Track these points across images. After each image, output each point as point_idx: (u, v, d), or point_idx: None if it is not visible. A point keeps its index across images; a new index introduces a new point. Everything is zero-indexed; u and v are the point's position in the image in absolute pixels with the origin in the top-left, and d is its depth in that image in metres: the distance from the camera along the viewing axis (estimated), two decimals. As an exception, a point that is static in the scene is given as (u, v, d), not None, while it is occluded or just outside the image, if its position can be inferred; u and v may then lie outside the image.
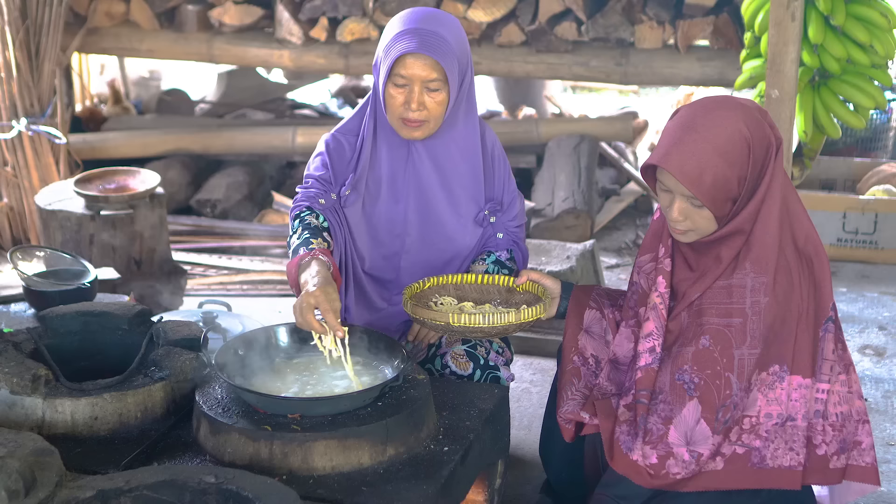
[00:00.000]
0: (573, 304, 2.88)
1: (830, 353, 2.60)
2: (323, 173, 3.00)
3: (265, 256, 5.36)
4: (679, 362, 2.59)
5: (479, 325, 2.69)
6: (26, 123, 5.30)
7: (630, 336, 2.78)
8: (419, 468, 2.45)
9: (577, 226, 5.42)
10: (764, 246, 2.54)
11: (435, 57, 2.82)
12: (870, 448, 2.63)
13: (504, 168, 3.15)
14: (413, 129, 2.92)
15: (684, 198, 2.54)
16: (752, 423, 2.55)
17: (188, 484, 2.18)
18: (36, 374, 2.56)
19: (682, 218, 2.57)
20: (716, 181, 2.49)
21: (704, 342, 2.56)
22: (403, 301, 2.82)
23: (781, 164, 2.57)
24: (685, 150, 2.49)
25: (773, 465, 2.56)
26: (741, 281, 2.55)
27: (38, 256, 3.70)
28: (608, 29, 5.57)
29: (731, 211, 2.56)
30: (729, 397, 2.53)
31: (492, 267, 3.09)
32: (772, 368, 2.54)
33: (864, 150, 6.09)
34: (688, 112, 2.56)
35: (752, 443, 2.55)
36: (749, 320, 2.54)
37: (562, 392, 2.86)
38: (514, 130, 6.19)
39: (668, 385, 2.60)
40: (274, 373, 2.71)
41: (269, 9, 6.08)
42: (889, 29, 4.36)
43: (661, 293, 2.69)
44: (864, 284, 5.03)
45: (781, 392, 2.54)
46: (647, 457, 2.56)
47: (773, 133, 2.55)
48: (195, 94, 7.84)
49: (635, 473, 2.56)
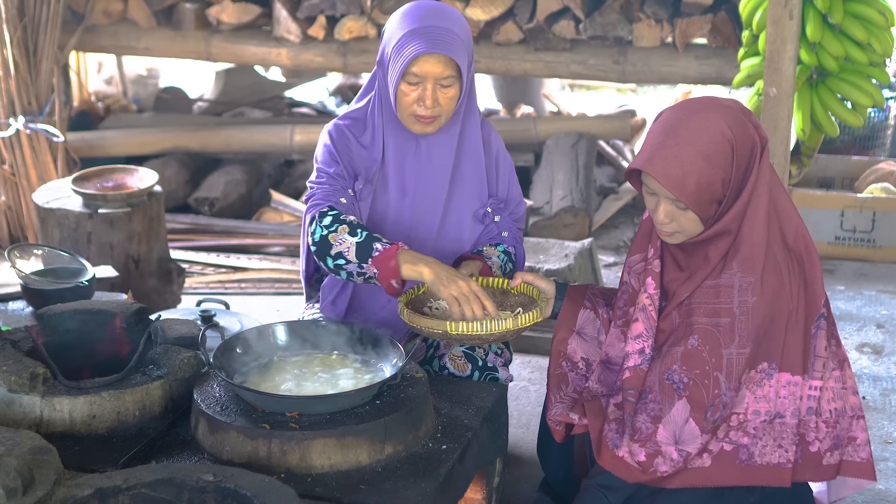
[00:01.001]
0: (567, 305, 2.88)
1: (823, 349, 2.60)
2: (336, 168, 2.96)
3: (263, 255, 5.36)
4: (668, 362, 2.60)
5: (476, 332, 2.68)
6: (24, 121, 5.29)
7: (620, 336, 2.79)
8: (417, 466, 2.45)
9: (575, 224, 5.42)
10: (751, 245, 2.54)
11: (449, 54, 2.82)
12: (865, 443, 2.64)
13: (507, 169, 3.15)
14: (426, 124, 2.92)
15: (669, 200, 2.54)
16: (740, 420, 2.56)
17: (186, 482, 2.18)
18: (34, 372, 2.56)
19: (667, 220, 2.57)
20: (699, 184, 2.49)
21: (693, 342, 2.57)
22: (399, 309, 2.79)
23: (768, 162, 2.57)
24: (668, 154, 2.49)
25: (762, 461, 2.56)
26: (729, 281, 2.55)
27: (36, 255, 3.70)
28: (606, 27, 5.57)
29: (717, 212, 2.56)
30: (717, 397, 2.54)
31: (502, 255, 3.09)
32: (760, 366, 2.55)
33: (861, 148, 6.09)
34: (670, 115, 2.55)
35: (739, 440, 2.56)
36: (737, 320, 2.54)
37: (550, 395, 2.87)
38: (512, 129, 6.19)
39: (656, 384, 2.61)
40: (272, 371, 2.71)
41: (267, 7, 6.07)
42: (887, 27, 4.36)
43: (650, 294, 2.69)
44: (862, 282, 5.04)
45: (770, 389, 2.54)
46: (634, 454, 2.57)
47: (757, 133, 2.54)
48: (193, 92, 7.83)
49: (623, 469, 2.57)
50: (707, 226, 2.57)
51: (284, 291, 4.91)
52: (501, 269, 3.06)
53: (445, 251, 3.07)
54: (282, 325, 2.82)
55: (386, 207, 3.03)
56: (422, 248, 3.04)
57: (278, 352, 2.78)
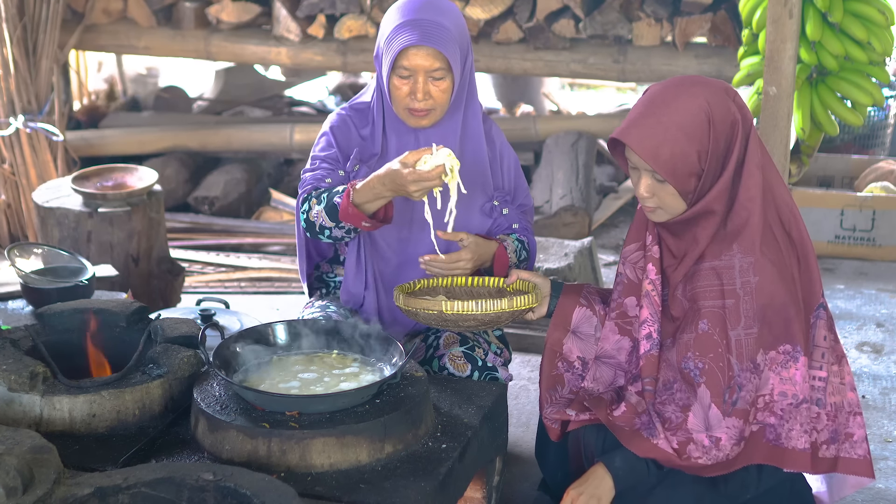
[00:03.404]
0: (562, 302, 2.88)
1: (822, 340, 2.62)
2: (329, 152, 3.00)
3: (263, 254, 5.36)
4: (682, 349, 2.61)
5: (471, 311, 2.69)
6: (24, 120, 5.29)
7: (614, 329, 2.80)
8: (417, 465, 2.45)
9: (574, 223, 5.42)
10: (750, 226, 2.56)
11: (437, 47, 2.83)
12: (862, 440, 2.64)
13: (513, 162, 3.16)
14: (420, 118, 2.93)
15: (648, 174, 2.58)
16: (766, 401, 2.57)
17: (186, 481, 2.18)
18: (34, 371, 2.56)
19: (648, 195, 2.60)
20: (674, 154, 2.52)
21: (703, 326, 2.58)
22: (395, 295, 2.83)
23: (757, 144, 2.58)
24: (645, 123, 2.54)
25: (788, 445, 2.57)
26: (729, 262, 2.58)
27: (36, 254, 3.70)
28: (606, 26, 5.57)
29: (697, 188, 2.57)
30: (732, 378, 2.55)
31: (516, 243, 3.09)
32: (783, 348, 2.55)
33: (861, 147, 6.09)
34: (653, 89, 2.62)
35: (766, 419, 2.57)
36: (742, 301, 2.56)
37: (545, 395, 2.88)
38: (512, 128, 6.18)
39: (679, 374, 2.62)
40: (272, 370, 2.71)
41: (267, 6, 6.07)
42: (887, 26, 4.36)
43: (651, 280, 2.72)
44: (862, 281, 5.04)
45: (796, 372, 2.55)
46: (669, 442, 2.58)
47: (739, 112, 2.57)
48: (193, 91, 7.83)
49: (661, 456, 2.59)
50: (689, 204, 2.59)
51: (284, 290, 4.91)
52: (517, 255, 3.08)
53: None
54: (281, 323, 2.82)
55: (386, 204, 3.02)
56: (425, 244, 3.03)
57: (278, 351, 2.78)
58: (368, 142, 3.03)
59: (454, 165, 2.77)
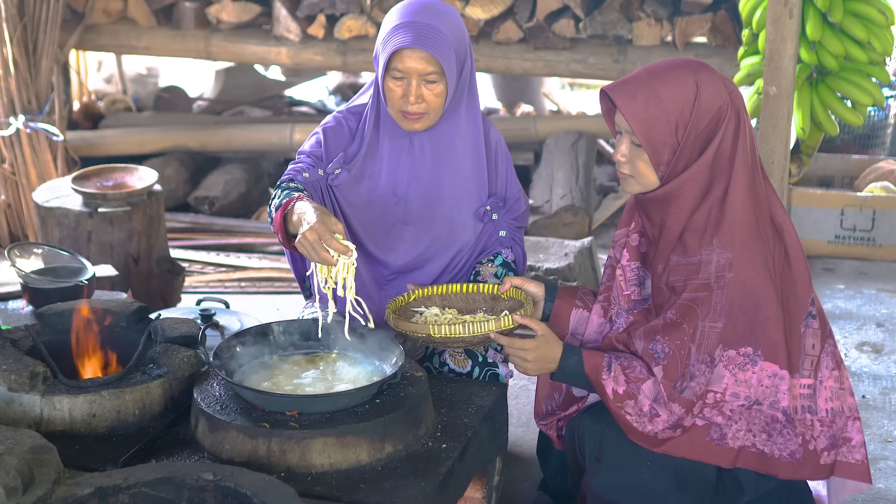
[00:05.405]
0: (558, 306, 2.88)
1: (811, 348, 2.61)
2: (315, 150, 3.00)
3: (263, 254, 5.36)
4: (652, 332, 2.61)
5: (459, 335, 2.67)
6: (24, 120, 5.29)
7: (600, 311, 2.83)
8: (417, 465, 2.45)
9: (574, 223, 5.42)
10: (732, 223, 2.57)
11: (430, 51, 2.82)
12: (860, 445, 2.64)
13: (507, 165, 3.15)
14: (413, 121, 2.93)
15: (628, 136, 2.61)
16: (717, 398, 2.57)
17: (186, 481, 2.18)
18: (34, 371, 2.56)
19: (624, 160, 2.63)
20: (652, 117, 2.55)
21: (671, 316, 2.59)
22: (386, 314, 2.79)
23: (745, 143, 2.58)
24: (633, 82, 2.59)
25: (734, 445, 2.57)
26: (708, 257, 2.59)
27: (36, 253, 3.70)
28: (606, 26, 5.57)
29: (671, 162, 2.57)
30: (686, 366, 2.55)
31: (500, 270, 3.09)
32: (743, 349, 2.56)
33: (861, 146, 6.09)
34: (657, 61, 2.68)
35: (713, 417, 2.57)
36: (714, 294, 2.56)
37: (540, 402, 2.88)
38: (512, 128, 6.19)
39: (643, 354, 2.63)
40: (272, 370, 2.71)
41: (267, 6, 6.07)
42: (887, 26, 4.36)
43: (622, 265, 2.76)
44: (862, 281, 5.04)
45: (752, 375, 2.56)
46: (618, 383, 2.60)
47: (730, 98, 2.58)
48: (193, 91, 7.83)
49: (600, 390, 2.62)
50: (662, 181, 2.60)
51: (284, 290, 4.91)
52: None
53: (443, 250, 3.07)
54: (281, 323, 2.82)
55: (378, 205, 3.02)
56: (419, 246, 3.03)
57: (278, 350, 2.78)
58: (356, 140, 3.02)
59: (347, 276, 2.63)
